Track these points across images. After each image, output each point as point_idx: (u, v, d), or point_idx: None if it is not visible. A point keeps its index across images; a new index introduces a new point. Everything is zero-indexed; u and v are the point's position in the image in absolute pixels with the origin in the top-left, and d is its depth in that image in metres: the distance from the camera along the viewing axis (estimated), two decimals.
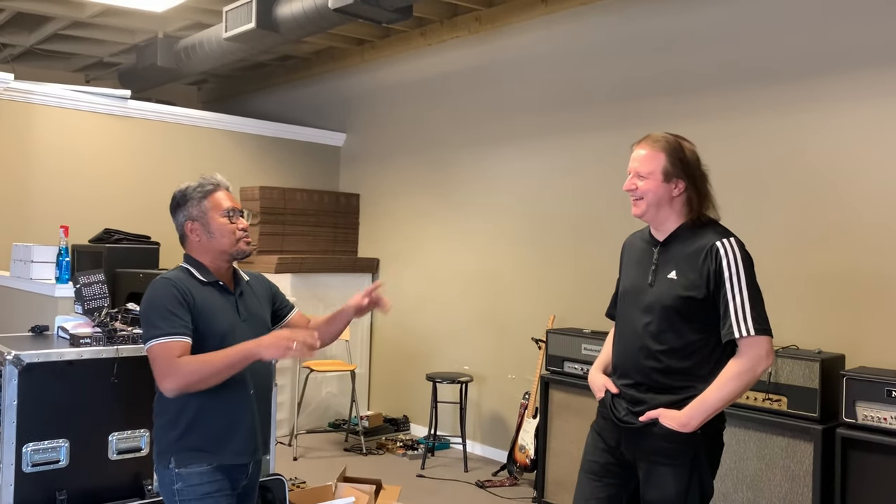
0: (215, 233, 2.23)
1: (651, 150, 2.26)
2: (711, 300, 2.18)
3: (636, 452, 2.26)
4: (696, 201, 2.25)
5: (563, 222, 4.96)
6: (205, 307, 2.16)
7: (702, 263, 2.19)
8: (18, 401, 2.56)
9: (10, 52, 6.84)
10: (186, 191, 2.26)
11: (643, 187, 2.25)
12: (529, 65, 5.23)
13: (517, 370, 5.17)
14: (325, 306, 6.09)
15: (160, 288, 2.15)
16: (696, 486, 2.18)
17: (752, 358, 2.13)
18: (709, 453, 2.23)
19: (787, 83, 3.89)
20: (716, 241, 2.19)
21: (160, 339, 2.06)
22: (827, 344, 3.60)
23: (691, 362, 2.20)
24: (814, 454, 3.21)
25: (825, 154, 3.74)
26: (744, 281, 2.16)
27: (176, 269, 2.25)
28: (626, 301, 2.37)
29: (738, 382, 2.14)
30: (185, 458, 2.14)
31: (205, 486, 2.13)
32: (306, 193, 6.38)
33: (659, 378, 2.23)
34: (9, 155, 5.26)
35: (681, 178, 2.23)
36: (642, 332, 2.25)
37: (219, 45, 5.64)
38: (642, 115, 4.50)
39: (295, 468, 4.93)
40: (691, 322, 2.19)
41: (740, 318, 2.13)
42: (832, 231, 3.70)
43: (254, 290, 2.37)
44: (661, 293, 2.23)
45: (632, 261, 2.41)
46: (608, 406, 2.35)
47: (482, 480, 4.77)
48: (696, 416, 2.15)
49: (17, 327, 3.72)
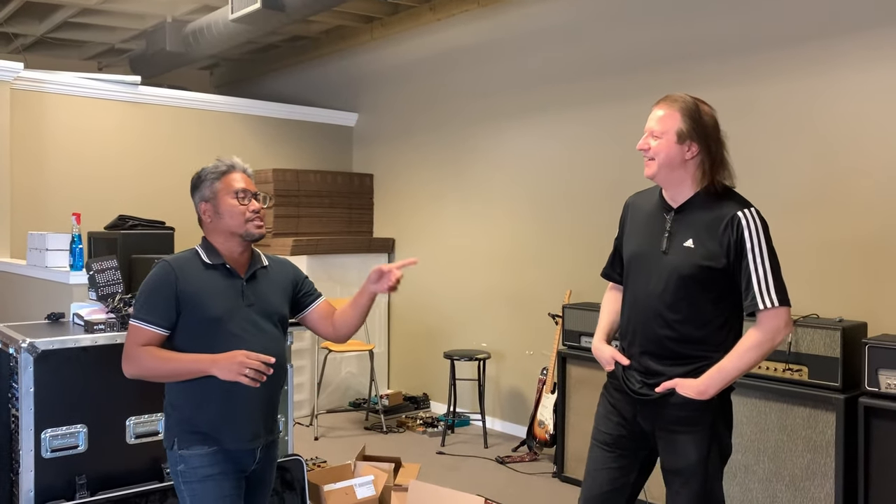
0: (224, 214, 2.22)
1: (668, 110, 2.21)
2: (731, 270, 2.15)
3: (654, 423, 2.25)
4: (709, 166, 2.20)
5: (578, 197, 4.91)
6: (199, 292, 2.16)
7: (722, 233, 2.15)
8: (35, 388, 2.59)
9: (21, 41, 6.86)
10: (202, 172, 2.28)
11: (656, 147, 2.21)
12: (542, 36, 5.15)
13: (534, 346, 5.15)
14: (341, 287, 6.10)
15: (156, 271, 2.19)
16: (716, 450, 2.21)
17: (772, 329, 2.13)
18: (725, 417, 2.25)
19: (802, 46, 3.79)
20: (737, 212, 2.16)
21: (136, 321, 2.14)
22: (848, 312, 3.53)
23: (706, 331, 2.19)
24: (836, 424, 3.16)
25: (843, 118, 3.65)
26: (766, 252, 2.14)
27: (185, 251, 2.27)
28: (635, 266, 2.32)
29: (758, 352, 2.13)
30: (186, 441, 2.15)
31: (206, 468, 2.14)
32: (320, 175, 6.36)
33: (674, 347, 2.21)
34: (22, 144, 5.29)
35: (694, 141, 2.18)
36: (657, 301, 2.21)
37: (226, 27, 5.61)
38: (659, 85, 4.42)
39: (316, 448, 4.96)
40: (708, 292, 2.17)
41: (763, 290, 2.12)
42: (853, 197, 3.62)
43: (271, 275, 2.33)
44: (677, 262, 2.19)
45: (638, 223, 2.35)
46: (620, 378, 2.33)
47: (502, 456, 4.78)
48: (714, 385, 2.15)
49: (35, 315, 3.76)
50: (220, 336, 2.15)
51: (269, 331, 2.26)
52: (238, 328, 2.18)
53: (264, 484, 2.32)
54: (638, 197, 2.43)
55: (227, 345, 2.13)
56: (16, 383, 2.70)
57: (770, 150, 3.93)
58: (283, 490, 3.15)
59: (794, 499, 3.29)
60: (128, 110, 5.77)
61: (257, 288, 2.26)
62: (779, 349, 3.35)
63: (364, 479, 3.55)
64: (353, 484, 3.50)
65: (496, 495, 4.06)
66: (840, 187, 3.67)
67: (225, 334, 2.15)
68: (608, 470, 2.33)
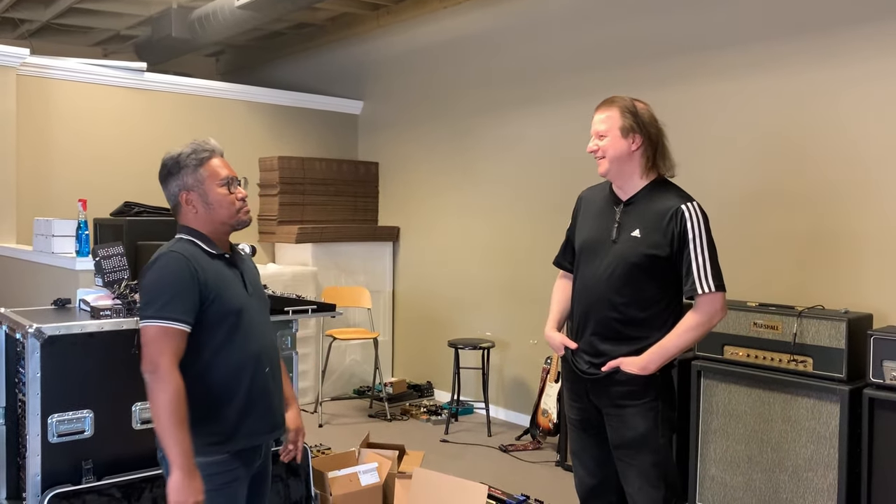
0: (214, 204, 2.07)
1: (607, 111, 2.42)
2: (674, 258, 2.35)
3: (602, 400, 2.43)
4: (652, 153, 2.40)
5: (580, 185, 4.88)
6: (218, 283, 2.02)
7: (667, 225, 2.34)
8: (42, 373, 2.60)
9: (27, 27, 6.85)
10: (179, 158, 2.09)
11: (604, 146, 2.41)
12: (549, 25, 5.12)
13: (538, 335, 5.15)
14: (346, 276, 6.11)
15: (169, 262, 1.98)
16: (664, 420, 2.38)
17: (709, 312, 2.34)
18: (668, 392, 2.43)
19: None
20: (680, 205, 2.35)
21: (164, 322, 1.91)
22: (854, 303, 3.53)
23: (649, 313, 2.38)
24: (840, 415, 3.16)
25: (839, 110, 3.63)
26: (705, 242, 2.33)
27: (180, 242, 2.06)
28: (585, 254, 2.50)
29: (695, 333, 2.35)
30: (202, 448, 1.97)
31: (220, 476, 1.99)
32: (325, 162, 6.36)
33: (619, 328, 2.39)
34: (28, 130, 5.30)
35: (636, 133, 2.39)
36: (605, 285, 2.40)
37: (232, 13, 5.60)
38: (667, 74, 4.40)
39: (320, 435, 4.99)
40: (652, 278, 2.37)
41: (702, 276, 2.32)
42: (860, 189, 3.61)
43: (248, 262, 2.25)
44: (625, 250, 2.38)
45: (590, 214, 2.56)
46: (570, 361, 2.52)
47: (505, 445, 4.79)
48: (655, 361, 2.34)
49: (42, 301, 3.77)
50: (240, 328, 2.04)
51: (268, 322, 2.21)
52: (252, 320, 2.09)
53: (266, 478, 2.24)
54: (589, 191, 2.66)
55: (245, 337, 2.05)
56: (22, 368, 2.72)
57: (770, 139, 3.91)
58: (288, 476, 3.17)
59: (797, 489, 3.30)
60: (133, 97, 5.77)
61: (249, 276, 2.18)
62: (783, 340, 3.35)
63: (368, 467, 3.57)
64: (357, 471, 3.52)
65: (499, 483, 4.08)
66: (844, 179, 3.65)
67: (245, 326, 2.05)
68: (587, 449, 2.54)
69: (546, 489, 4.06)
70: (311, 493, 3.23)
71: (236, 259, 2.15)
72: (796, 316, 3.34)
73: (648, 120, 2.42)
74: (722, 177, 4.08)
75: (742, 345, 3.49)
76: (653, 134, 2.41)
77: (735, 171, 4.07)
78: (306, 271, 5.80)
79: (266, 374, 2.11)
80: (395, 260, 6.39)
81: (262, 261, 6.16)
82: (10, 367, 2.90)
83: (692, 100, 4.27)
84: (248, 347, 2.06)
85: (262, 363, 2.10)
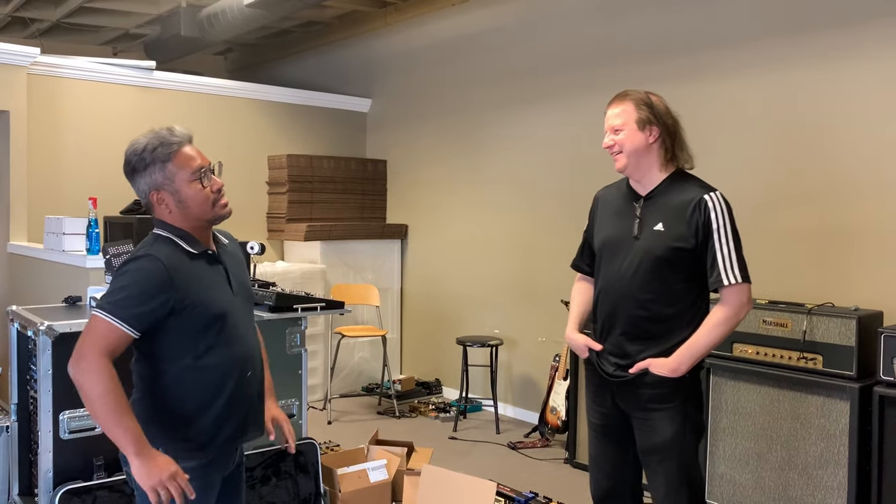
0: (188, 202, 1.89)
1: (621, 105, 2.37)
2: (699, 250, 2.29)
3: (629, 403, 2.36)
4: (671, 144, 2.36)
5: (593, 183, 4.87)
6: (199, 287, 1.87)
7: (690, 216, 2.28)
8: (53, 370, 2.62)
9: (37, 27, 6.89)
10: (144, 153, 1.88)
11: (620, 140, 2.36)
12: (559, 21, 5.11)
13: (547, 333, 5.15)
14: (354, 273, 6.12)
15: (144, 265, 1.82)
16: (691, 424, 2.32)
17: (736, 305, 2.27)
18: (696, 393, 2.36)
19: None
20: (703, 195, 2.30)
21: (108, 316, 1.77)
22: (864, 301, 3.51)
23: (676, 309, 2.31)
24: (850, 413, 3.15)
25: (850, 107, 3.61)
26: (730, 233, 2.28)
27: (157, 242, 1.89)
28: (608, 253, 2.44)
29: (725, 328, 2.27)
30: (174, 453, 1.84)
31: (196, 480, 1.86)
32: (333, 161, 6.37)
33: (647, 326, 2.33)
34: (39, 129, 5.33)
35: (653, 125, 2.34)
36: (630, 283, 2.34)
37: (240, 12, 5.61)
38: (677, 70, 4.39)
39: (329, 432, 5.00)
40: (678, 272, 2.31)
41: (728, 267, 2.26)
42: (871, 186, 3.59)
43: (233, 253, 2.07)
44: (649, 245, 2.32)
45: (608, 213, 2.49)
46: (595, 364, 2.45)
47: (514, 442, 4.79)
48: (685, 362, 2.27)
49: (52, 299, 3.80)
50: (223, 333, 1.91)
51: (252, 320, 2.08)
52: (237, 322, 1.95)
53: (240, 479, 2.13)
54: (605, 191, 2.59)
55: (228, 342, 1.92)
56: (34, 366, 2.74)
57: (780, 136, 3.89)
58: (297, 473, 3.18)
59: (806, 487, 3.29)
60: (142, 95, 5.79)
61: (234, 272, 2.02)
62: (793, 338, 3.34)
63: (377, 463, 3.58)
64: (366, 468, 3.53)
65: (508, 480, 4.08)
66: (854, 176, 3.63)
67: (228, 330, 1.92)
68: (606, 453, 2.47)
69: (554, 486, 4.06)
70: (321, 490, 3.25)
71: (220, 254, 2.00)
72: (806, 313, 3.33)
73: (664, 111, 2.37)
74: (731, 174, 4.06)
75: (751, 342, 3.48)
76: (669, 125, 2.36)
77: (744, 168, 4.06)
78: (315, 269, 5.82)
79: (249, 379, 1.99)
80: (403, 257, 6.40)
81: (272, 258, 6.18)
82: (21, 364, 2.92)
83: (701, 96, 4.25)
84: (232, 352, 1.94)
85: (245, 367, 1.98)
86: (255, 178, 6.28)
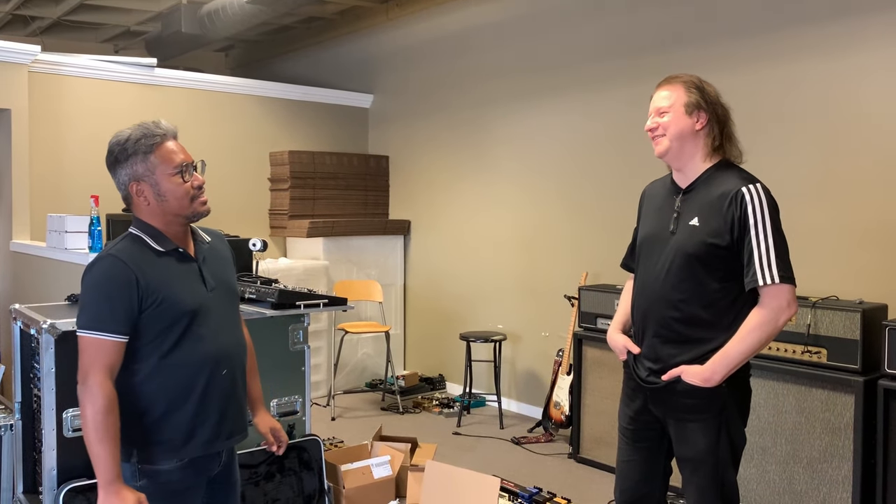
0: (167, 195, 1.89)
1: (671, 88, 2.22)
2: (735, 248, 2.11)
3: (664, 411, 2.24)
4: (718, 133, 2.20)
5: (594, 178, 4.88)
6: (164, 284, 1.86)
7: (726, 209, 2.11)
8: (56, 368, 2.62)
9: (38, 24, 6.89)
10: (127, 143, 1.89)
11: (664, 123, 2.21)
12: (561, 14, 5.09)
13: (550, 328, 5.15)
14: (357, 269, 6.12)
15: (106, 268, 1.83)
16: (726, 438, 2.16)
17: (775, 308, 2.07)
18: (737, 404, 2.20)
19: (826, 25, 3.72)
20: (741, 187, 2.12)
21: (96, 333, 1.79)
22: (869, 294, 3.49)
23: (712, 312, 2.14)
24: (855, 406, 3.14)
25: (861, 98, 3.59)
26: (769, 228, 2.08)
27: (126, 239, 1.91)
28: (645, 250, 2.32)
29: (760, 334, 2.08)
30: (150, 452, 1.87)
31: (174, 483, 1.88)
32: (335, 156, 6.37)
33: (681, 329, 2.17)
34: (40, 127, 5.33)
35: (703, 110, 2.18)
36: (662, 282, 2.20)
37: (241, 8, 5.60)
38: (679, 65, 4.37)
39: (333, 428, 5.00)
40: (713, 270, 2.13)
41: (765, 266, 2.07)
42: (873, 177, 3.57)
43: (216, 251, 2.06)
44: (682, 240, 2.17)
45: (652, 208, 2.36)
46: (631, 367, 2.33)
47: (518, 437, 4.79)
48: (719, 371, 2.11)
49: (55, 297, 3.80)
50: (192, 330, 1.89)
51: (233, 318, 2.05)
52: (210, 319, 1.94)
53: (233, 484, 2.11)
54: (652, 186, 2.44)
55: (199, 339, 1.90)
56: (37, 364, 2.74)
57: (787, 131, 3.88)
58: (301, 470, 3.18)
59: (811, 481, 3.28)
60: (144, 92, 5.79)
61: (212, 269, 2.00)
62: (797, 331, 3.33)
63: (381, 459, 3.58)
64: (370, 464, 3.53)
65: (512, 476, 4.08)
66: (861, 168, 3.61)
67: (198, 328, 1.90)
68: (634, 462, 2.34)
69: (558, 481, 4.05)
70: (325, 486, 3.25)
71: (197, 251, 1.99)
72: (810, 307, 3.32)
73: (715, 98, 2.21)
74: None
75: None
76: (720, 113, 2.20)
77: (752, 162, 4.03)
78: (318, 265, 5.81)
79: (223, 378, 1.96)
80: (406, 253, 6.40)
81: (274, 255, 6.18)
82: (25, 362, 2.92)
83: None
84: (202, 350, 1.91)
85: (219, 366, 1.95)
86: (258, 174, 6.27)
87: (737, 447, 2.20)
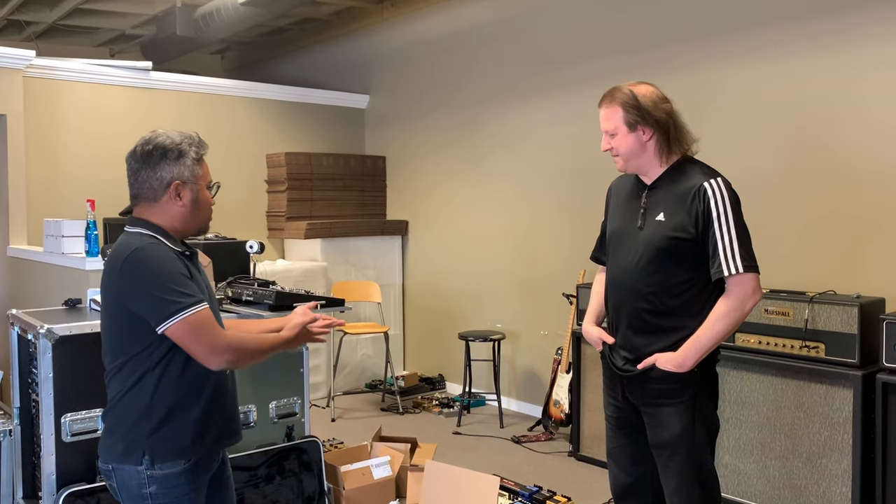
0: (202, 204, 1.97)
1: (608, 108, 2.32)
2: (700, 240, 2.23)
3: (639, 398, 2.34)
4: (666, 140, 2.29)
5: (591, 176, 4.87)
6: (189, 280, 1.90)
7: (690, 204, 2.23)
8: (54, 373, 2.62)
9: (33, 29, 6.88)
10: (181, 145, 1.93)
11: (615, 143, 2.32)
12: (557, 13, 5.09)
13: (549, 326, 5.15)
14: (356, 270, 6.11)
15: (162, 252, 1.85)
16: (701, 420, 2.27)
17: (740, 296, 2.19)
18: (707, 388, 2.30)
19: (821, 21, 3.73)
20: (703, 182, 2.23)
21: (194, 308, 1.79)
22: (866, 288, 3.50)
23: (681, 301, 2.26)
24: (853, 401, 3.14)
25: (861, 91, 3.59)
26: (731, 220, 2.20)
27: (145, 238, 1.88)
28: (615, 244, 2.42)
29: (728, 321, 2.20)
30: (162, 456, 1.86)
31: (182, 486, 1.88)
32: (332, 158, 6.36)
33: (651, 319, 2.29)
34: (36, 132, 5.32)
35: (644, 125, 2.27)
36: (633, 274, 2.31)
37: (235, 10, 5.60)
38: (677, 62, 4.37)
39: (333, 429, 5.00)
40: (681, 262, 2.25)
41: (729, 257, 2.19)
42: (870, 171, 3.57)
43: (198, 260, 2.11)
44: (650, 235, 2.28)
45: (618, 204, 2.46)
46: (607, 357, 2.44)
47: (518, 436, 4.79)
48: (691, 357, 2.21)
49: (53, 302, 3.80)
50: None
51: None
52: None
53: (227, 479, 2.13)
54: (618, 181, 2.54)
55: None
56: (35, 369, 2.74)
57: (785, 124, 3.88)
58: (301, 471, 3.18)
59: (811, 475, 3.28)
60: (140, 96, 5.79)
61: (205, 277, 2.06)
62: (795, 326, 3.33)
63: (381, 460, 3.58)
64: (369, 464, 3.53)
65: (512, 474, 4.08)
66: (855, 163, 3.61)
67: None
68: (623, 447, 2.45)
69: (558, 480, 4.06)
70: (324, 487, 3.25)
71: (193, 258, 2.03)
72: (808, 302, 3.32)
73: (652, 106, 2.27)
74: (729, 162, 4.04)
75: (753, 331, 3.48)
76: (661, 120, 2.27)
77: (743, 156, 4.04)
78: (316, 267, 5.81)
79: (228, 377, 2.02)
80: (404, 254, 6.40)
81: (272, 257, 6.18)
82: (23, 367, 2.92)
83: (699, 85, 4.23)
84: None
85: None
86: (254, 176, 6.27)
87: (712, 430, 2.31)
